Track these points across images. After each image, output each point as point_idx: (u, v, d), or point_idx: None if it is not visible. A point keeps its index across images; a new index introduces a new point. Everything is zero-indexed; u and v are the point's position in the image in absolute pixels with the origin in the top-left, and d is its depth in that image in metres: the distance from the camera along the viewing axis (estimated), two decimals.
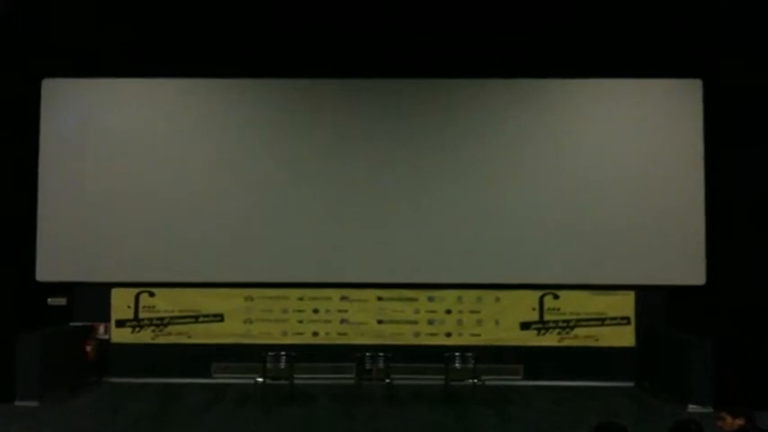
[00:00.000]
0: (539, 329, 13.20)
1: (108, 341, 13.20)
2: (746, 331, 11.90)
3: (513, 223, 13.11)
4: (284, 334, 13.20)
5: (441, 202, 13.17)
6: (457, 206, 13.15)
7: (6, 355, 11.35)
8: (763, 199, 12.40)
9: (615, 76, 13.15)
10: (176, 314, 13.28)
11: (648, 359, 12.71)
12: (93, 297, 13.20)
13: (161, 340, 13.23)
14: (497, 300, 13.26)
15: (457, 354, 11.99)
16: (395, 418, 10.60)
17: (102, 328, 13.22)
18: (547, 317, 13.21)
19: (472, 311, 13.28)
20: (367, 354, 11.97)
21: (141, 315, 13.27)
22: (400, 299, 13.32)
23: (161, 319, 13.26)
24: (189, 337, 13.24)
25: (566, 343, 13.14)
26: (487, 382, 11.98)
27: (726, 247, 12.55)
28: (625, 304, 13.15)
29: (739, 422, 6.02)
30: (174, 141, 13.31)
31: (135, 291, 13.28)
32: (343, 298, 13.35)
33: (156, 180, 13.19)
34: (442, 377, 12.03)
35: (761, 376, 11.04)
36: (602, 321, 13.13)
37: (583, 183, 13.11)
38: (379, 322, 13.28)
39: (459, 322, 13.26)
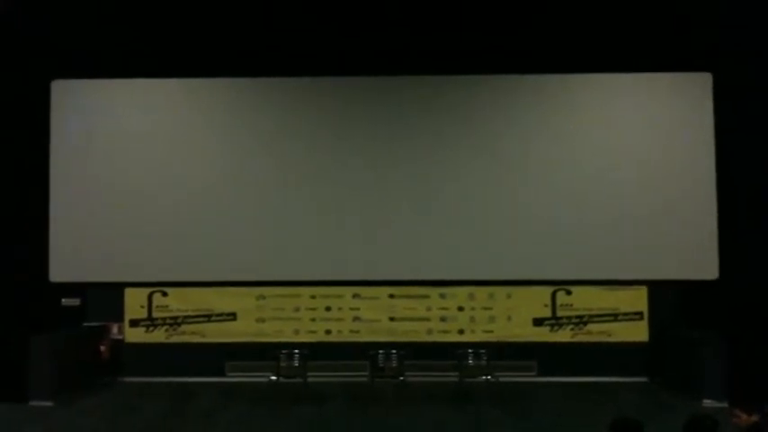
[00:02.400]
0: (552, 325, 13.18)
1: (121, 341, 13.26)
2: (760, 326, 11.85)
3: (525, 219, 13.09)
4: (297, 332, 13.22)
5: (452, 199, 13.17)
6: (468, 202, 13.14)
7: (21, 355, 11.41)
8: None
9: (624, 70, 13.12)
10: (189, 313, 13.32)
11: (662, 354, 12.67)
12: (106, 297, 13.26)
13: (174, 340, 13.28)
14: (509, 296, 13.24)
15: (470, 350, 11.93)
16: (408, 416, 10.59)
17: (115, 328, 13.28)
18: (559, 313, 13.18)
19: (484, 308, 13.26)
20: (380, 351, 11.95)
21: (154, 315, 13.31)
22: (412, 296, 13.32)
23: (174, 318, 13.30)
24: (202, 336, 13.27)
25: (579, 339, 13.11)
26: (501, 379, 11.94)
27: (738, 242, 12.50)
28: (638, 299, 13.11)
29: (754, 419, 5.99)
30: (184, 140, 13.37)
31: (148, 290, 13.32)
32: (356, 296, 13.35)
33: (167, 179, 13.26)
34: (456, 374, 12.00)
35: None
36: (614, 317, 13.09)
37: (593, 178, 13.08)
38: (392, 320, 13.28)
39: (472, 319, 13.24)
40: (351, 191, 13.25)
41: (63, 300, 13.18)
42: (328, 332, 13.29)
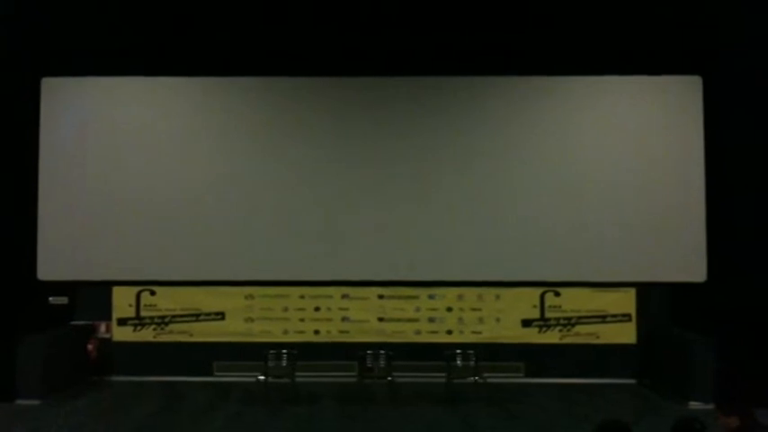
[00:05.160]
0: (540, 327, 13.20)
1: (109, 340, 13.21)
2: (748, 328, 11.89)
3: (514, 220, 13.10)
4: (285, 332, 13.20)
5: (441, 200, 13.16)
6: (458, 204, 13.14)
7: (8, 354, 11.36)
8: (764, 195, 12.37)
9: (614, 73, 13.15)
10: (178, 313, 13.28)
11: (650, 356, 12.72)
12: (94, 296, 13.21)
13: (162, 339, 13.23)
14: (498, 297, 13.26)
15: (458, 351, 11.97)
16: (396, 417, 10.61)
17: (103, 327, 13.23)
18: (548, 314, 13.21)
19: (473, 309, 13.27)
20: (368, 352, 11.98)
21: (143, 313, 13.27)
22: (401, 297, 13.31)
23: (162, 317, 13.26)
24: (190, 335, 13.24)
25: (567, 340, 13.14)
26: (489, 380, 11.99)
27: (727, 244, 12.55)
28: (626, 301, 13.15)
29: (734, 421, 6.00)
30: (174, 140, 13.31)
31: (136, 289, 13.28)
32: (345, 296, 13.34)
33: (156, 178, 13.19)
34: (444, 375, 12.02)
35: (763, 373, 11.05)
36: (603, 318, 13.13)
37: (583, 180, 13.10)
38: (381, 320, 13.28)
39: (461, 320, 13.26)
40: (341, 191, 13.22)
41: (51, 298, 13.12)
42: (317, 332, 13.27)
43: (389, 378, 11.80)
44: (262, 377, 11.71)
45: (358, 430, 10.13)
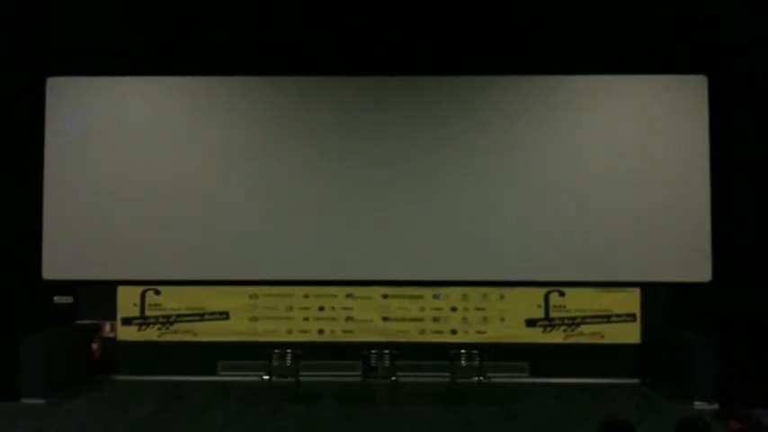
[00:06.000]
0: (544, 327, 13.18)
1: (114, 339, 13.22)
2: (749, 329, 11.87)
3: (518, 220, 13.09)
4: (289, 332, 13.21)
5: (445, 199, 13.15)
6: (462, 203, 13.13)
7: (13, 353, 11.38)
8: None
9: (619, 72, 13.13)
10: (182, 312, 13.29)
11: (654, 356, 12.69)
12: (99, 295, 13.22)
13: (167, 338, 13.24)
14: (502, 297, 13.24)
15: (462, 351, 11.96)
16: (400, 416, 10.61)
17: (108, 326, 13.25)
18: (552, 314, 13.18)
19: (477, 309, 13.26)
20: (372, 351, 11.96)
21: (147, 313, 13.28)
22: (405, 296, 13.30)
23: (167, 317, 13.27)
24: (195, 334, 13.25)
25: (571, 340, 13.12)
26: (493, 380, 11.98)
27: (732, 244, 12.52)
28: (631, 301, 13.12)
29: (734, 424, 5.98)
30: (177, 139, 13.32)
31: (141, 289, 13.29)
32: (349, 296, 13.34)
33: (160, 178, 13.21)
34: (448, 375, 12.01)
35: (764, 374, 11.05)
36: (607, 318, 13.10)
37: (588, 179, 13.08)
38: (385, 320, 13.27)
39: (465, 320, 13.25)
40: (345, 191, 13.23)
41: (56, 297, 13.13)
42: (321, 332, 13.27)
43: (393, 378, 11.78)
44: (266, 376, 11.71)
45: (361, 430, 10.13)
